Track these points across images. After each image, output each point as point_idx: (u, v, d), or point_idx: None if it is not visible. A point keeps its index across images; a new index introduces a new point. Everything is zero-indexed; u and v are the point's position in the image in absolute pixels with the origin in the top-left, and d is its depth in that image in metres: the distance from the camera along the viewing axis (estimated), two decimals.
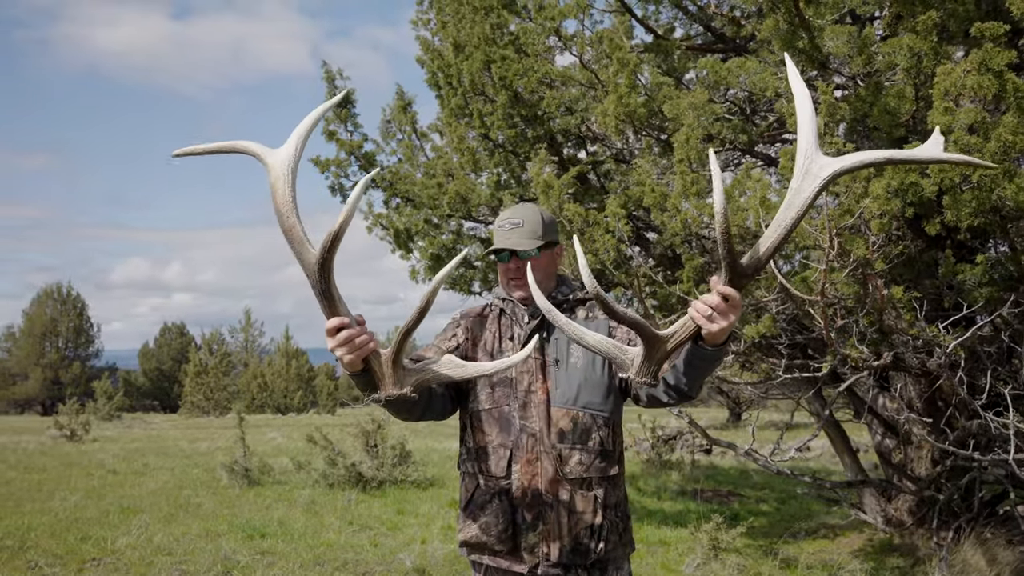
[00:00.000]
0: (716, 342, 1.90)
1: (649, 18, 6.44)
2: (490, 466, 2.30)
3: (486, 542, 2.28)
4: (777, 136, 6.57)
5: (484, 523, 2.28)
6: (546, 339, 2.35)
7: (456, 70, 5.94)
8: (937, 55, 3.84)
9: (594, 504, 2.26)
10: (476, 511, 2.31)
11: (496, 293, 2.49)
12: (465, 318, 2.47)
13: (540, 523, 2.24)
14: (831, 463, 12.77)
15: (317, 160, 6.94)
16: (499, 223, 2.41)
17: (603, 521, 2.26)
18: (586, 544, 2.24)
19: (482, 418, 2.33)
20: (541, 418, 2.28)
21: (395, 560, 5.78)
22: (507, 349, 2.37)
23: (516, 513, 2.27)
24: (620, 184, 6.65)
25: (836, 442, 7.35)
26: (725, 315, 1.83)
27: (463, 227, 7.03)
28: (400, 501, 8.40)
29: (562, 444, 2.26)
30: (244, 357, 45.60)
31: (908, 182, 3.90)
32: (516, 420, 2.29)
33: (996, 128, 3.37)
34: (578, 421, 2.27)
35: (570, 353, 2.32)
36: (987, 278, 4.49)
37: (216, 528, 6.79)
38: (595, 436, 2.28)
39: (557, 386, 2.30)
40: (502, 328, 2.41)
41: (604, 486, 2.29)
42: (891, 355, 4.76)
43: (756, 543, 6.92)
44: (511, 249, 2.33)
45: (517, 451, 2.28)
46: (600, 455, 2.28)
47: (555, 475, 2.25)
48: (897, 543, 6.66)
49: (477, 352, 2.39)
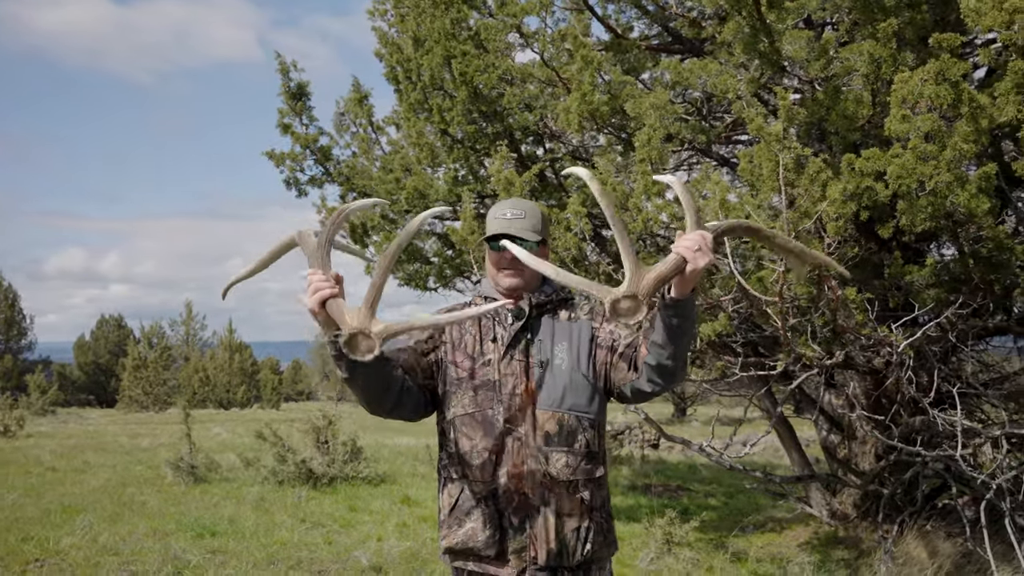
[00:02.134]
0: (687, 290, 2.01)
1: (609, 17, 6.47)
2: (475, 471, 2.26)
3: (472, 548, 2.24)
4: (732, 137, 6.69)
5: (470, 529, 2.25)
6: (531, 341, 2.32)
7: (416, 64, 5.88)
8: (895, 62, 3.94)
9: (581, 506, 2.25)
10: (461, 517, 2.27)
11: (480, 291, 2.45)
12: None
13: (527, 527, 2.22)
14: (774, 458, 13.07)
15: (271, 153, 6.80)
16: (498, 212, 2.36)
17: (589, 523, 2.26)
18: (573, 546, 2.23)
19: (465, 422, 2.29)
20: (527, 421, 2.26)
21: (351, 558, 5.71)
22: (488, 351, 2.32)
23: (503, 517, 2.24)
24: (578, 181, 6.68)
25: (784, 438, 7.51)
26: (705, 254, 1.96)
27: None
28: (352, 498, 8.31)
29: (548, 447, 2.24)
30: (185, 351, 44.51)
31: (863, 186, 3.99)
32: (500, 423, 2.26)
33: (952, 137, 3.47)
34: (564, 423, 2.26)
35: (554, 355, 2.30)
36: (934, 280, 4.65)
37: (163, 527, 6.61)
38: (581, 438, 2.27)
39: (542, 388, 2.27)
40: (483, 329, 2.36)
41: (590, 488, 2.27)
42: (843, 354, 4.88)
43: (707, 537, 7.04)
44: (514, 236, 2.27)
45: (503, 455, 2.25)
46: (586, 457, 2.27)
47: (542, 478, 2.23)
48: (842, 536, 6.85)
49: (456, 354, 2.34)
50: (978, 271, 4.29)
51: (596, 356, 2.31)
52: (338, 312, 2.02)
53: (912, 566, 5.67)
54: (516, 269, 2.31)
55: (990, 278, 4.40)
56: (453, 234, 5.57)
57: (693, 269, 1.96)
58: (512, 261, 2.27)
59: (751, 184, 4.37)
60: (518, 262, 2.21)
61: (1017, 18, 3.16)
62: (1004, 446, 4.84)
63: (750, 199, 4.22)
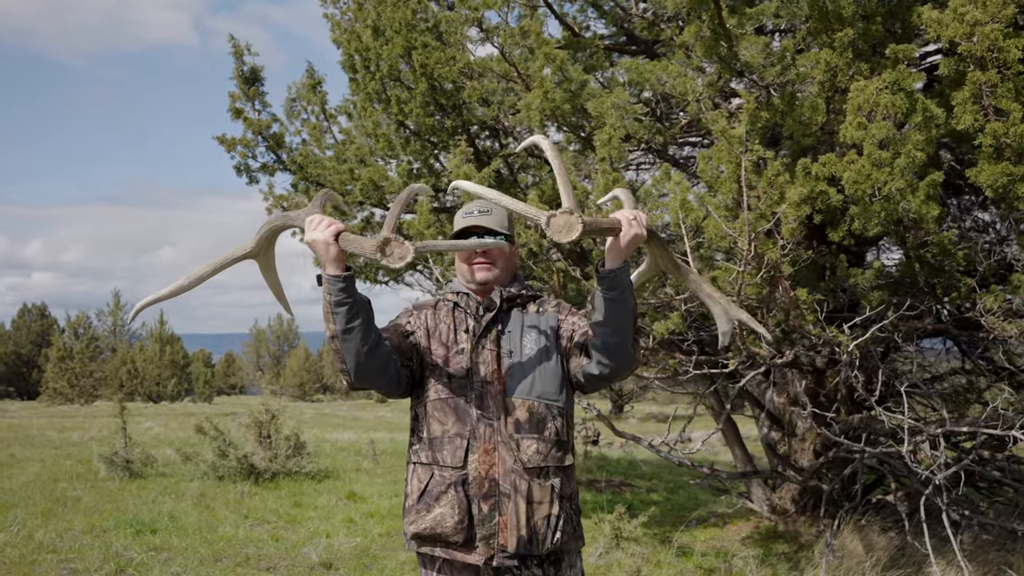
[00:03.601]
0: (619, 261, 2.14)
1: (567, 15, 6.50)
2: (445, 456, 2.29)
3: (440, 533, 2.26)
4: (685, 139, 6.79)
5: (439, 514, 2.27)
6: (501, 332, 2.39)
7: (375, 54, 5.80)
8: (850, 70, 4.07)
9: (551, 494, 2.29)
10: (430, 502, 2.29)
11: (451, 287, 2.50)
12: (419, 309, 2.48)
13: (497, 513, 2.25)
14: (711, 453, 13.36)
15: (222, 139, 6.63)
16: (466, 211, 2.44)
17: (560, 511, 2.29)
18: (543, 534, 2.26)
19: (438, 407, 2.33)
20: (498, 408, 2.30)
21: (299, 554, 5.62)
22: (462, 341, 2.38)
23: (472, 504, 2.26)
24: (534, 177, 6.70)
25: (728, 435, 7.68)
26: (640, 227, 2.13)
27: (374, 215, 6.90)
28: (296, 494, 8.19)
29: (519, 434, 2.29)
30: (112, 342, 43.13)
31: (818, 190, 4.11)
32: (473, 410, 2.30)
33: (905, 144, 3.59)
34: (534, 411, 2.31)
35: (523, 345, 2.37)
36: (877, 283, 4.82)
37: (101, 523, 6.39)
38: (551, 426, 2.32)
39: (512, 377, 2.32)
40: (456, 321, 2.42)
41: (560, 476, 2.32)
42: (792, 353, 5.02)
43: (651, 532, 7.15)
44: (482, 229, 2.38)
45: (474, 441, 2.28)
46: (556, 444, 2.32)
47: (513, 464, 2.27)
48: (782, 530, 7.04)
49: (432, 342, 2.39)
50: (923, 275, 4.45)
51: (560, 346, 2.39)
52: (354, 240, 2.11)
53: (851, 559, 5.87)
54: (487, 263, 2.39)
55: (933, 282, 4.58)
56: (409, 227, 5.53)
57: (626, 236, 2.11)
58: (486, 254, 2.39)
59: (709, 185, 4.45)
60: (489, 256, 2.37)
61: (977, 30, 3.29)
62: (942, 444, 5.04)
63: (710, 199, 4.30)
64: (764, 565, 5.96)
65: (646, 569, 5.76)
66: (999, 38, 3.39)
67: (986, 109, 3.55)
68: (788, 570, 5.76)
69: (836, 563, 5.63)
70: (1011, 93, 3.48)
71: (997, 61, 3.46)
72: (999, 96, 3.49)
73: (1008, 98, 3.47)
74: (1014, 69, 3.46)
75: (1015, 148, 3.50)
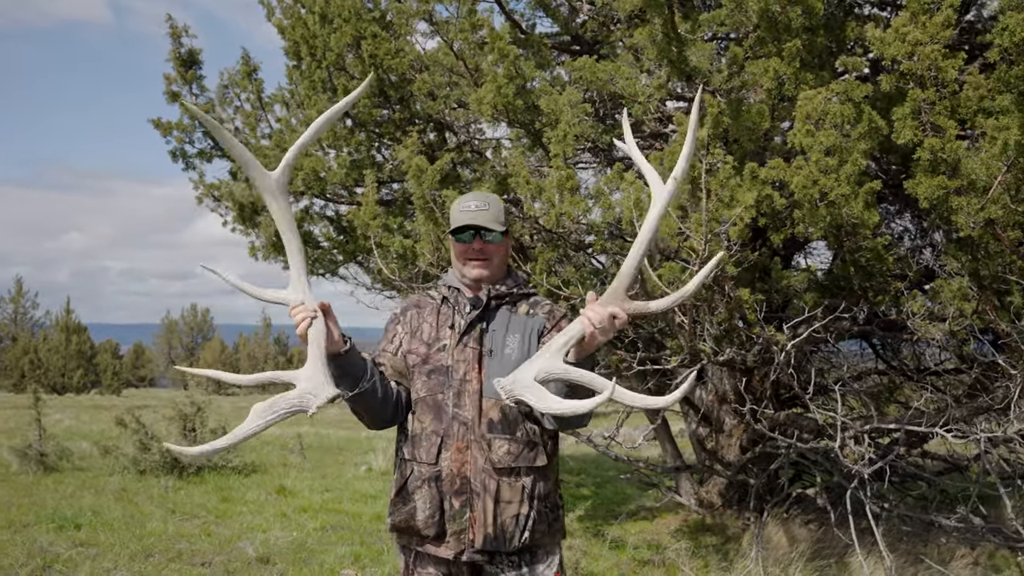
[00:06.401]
0: (582, 356, 2.12)
1: (514, 12, 6.53)
2: (422, 452, 2.33)
3: (413, 526, 2.31)
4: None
5: (413, 508, 2.32)
6: (485, 330, 2.40)
7: (322, 42, 5.71)
8: (797, 79, 4.23)
9: (521, 493, 2.32)
10: (407, 496, 2.34)
11: (444, 281, 2.50)
12: (404, 311, 2.50)
13: (467, 510, 2.29)
14: (635, 449, 13.60)
15: (158, 122, 6.40)
16: (463, 205, 2.44)
17: (530, 511, 2.32)
18: (511, 532, 2.30)
19: (418, 405, 2.36)
20: (473, 407, 2.33)
21: (235, 549, 5.50)
22: (444, 337, 2.40)
23: (444, 499, 2.30)
24: (479, 172, 6.70)
25: (659, 430, 7.87)
26: (607, 333, 2.08)
27: (313, 205, 6.78)
28: (223, 488, 7.98)
29: (491, 434, 2.32)
30: (13, 331, 41.02)
31: (764, 194, 4.26)
32: (449, 408, 2.33)
33: (851, 153, 3.77)
34: (507, 412, 2.33)
35: (505, 344, 2.38)
36: (808, 284, 5.04)
37: (20, 519, 6.10)
38: (523, 427, 2.34)
39: (490, 376, 2.33)
40: (441, 317, 2.43)
41: (532, 476, 2.35)
42: (731, 351, 5.19)
43: (583, 526, 7.27)
44: (479, 227, 2.38)
45: (448, 439, 2.32)
46: (528, 445, 2.35)
47: (484, 463, 2.30)
48: (709, 523, 7.26)
49: (414, 342, 2.42)
50: (857, 278, 4.67)
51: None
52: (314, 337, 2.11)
53: (776, 550, 6.11)
54: (483, 260, 2.40)
55: (866, 285, 4.80)
56: (355, 218, 5.46)
57: (589, 343, 2.11)
58: (482, 251, 2.39)
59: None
60: (484, 253, 2.38)
61: (918, 50, 3.47)
62: (866, 440, 5.30)
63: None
64: (695, 557, 6.13)
65: (584, 562, 5.86)
66: (938, 58, 3.58)
67: (924, 125, 3.76)
68: (719, 561, 5.94)
69: (765, 554, 5.85)
70: (947, 111, 3.69)
71: (936, 80, 3.66)
72: (936, 113, 3.69)
73: (945, 115, 3.68)
74: (950, 88, 3.66)
75: (950, 163, 3.71)
